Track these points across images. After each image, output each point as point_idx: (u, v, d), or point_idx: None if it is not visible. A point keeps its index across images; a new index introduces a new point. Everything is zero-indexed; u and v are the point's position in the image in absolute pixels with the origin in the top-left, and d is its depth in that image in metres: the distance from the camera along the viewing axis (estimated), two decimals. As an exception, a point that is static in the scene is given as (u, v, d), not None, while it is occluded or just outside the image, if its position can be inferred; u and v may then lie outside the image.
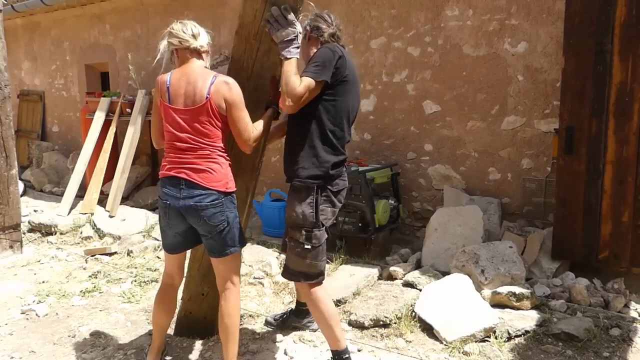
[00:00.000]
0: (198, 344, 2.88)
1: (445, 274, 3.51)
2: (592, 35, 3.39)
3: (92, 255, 4.46)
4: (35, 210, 6.01)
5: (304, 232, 2.41)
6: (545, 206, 4.13)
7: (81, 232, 5.11)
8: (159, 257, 4.31)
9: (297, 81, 2.25)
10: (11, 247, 4.59)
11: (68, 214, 5.66)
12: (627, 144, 3.36)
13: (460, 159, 4.53)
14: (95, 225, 5.21)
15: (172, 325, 2.99)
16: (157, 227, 4.99)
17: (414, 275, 3.51)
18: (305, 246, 2.41)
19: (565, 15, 3.50)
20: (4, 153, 4.49)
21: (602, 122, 3.42)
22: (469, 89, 4.40)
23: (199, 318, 2.93)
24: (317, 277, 2.46)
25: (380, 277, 3.74)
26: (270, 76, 2.44)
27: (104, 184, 5.95)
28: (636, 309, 3.17)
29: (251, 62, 2.41)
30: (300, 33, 2.33)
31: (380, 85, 4.87)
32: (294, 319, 3.04)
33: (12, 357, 2.78)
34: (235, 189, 2.39)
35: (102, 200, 5.81)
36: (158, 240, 4.71)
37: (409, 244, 4.56)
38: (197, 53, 2.35)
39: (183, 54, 2.34)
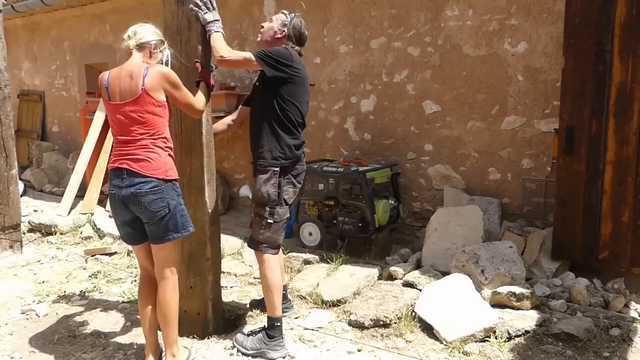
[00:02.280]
0: (197, 344, 2.88)
1: (445, 274, 3.51)
2: (592, 35, 3.39)
3: (92, 255, 4.46)
4: (35, 210, 6.02)
5: (267, 209, 2.75)
6: (545, 206, 4.13)
7: (81, 232, 5.11)
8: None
9: (225, 45, 2.70)
10: (11, 247, 4.59)
11: (68, 214, 5.66)
12: (627, 144, 3.36)
13: (460, 159, 4.53)
14: (95, 225, 5.21)
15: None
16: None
17: (414, 275, 3.51)
18: (268, 220, 2.76)
19: (565, 15, 3.50)
20: (4, 153, 4.49)
21: (602, 122, 3.42)
22: (469, 89, 4.40)
23: (194, 315, 2.96)
24: (277, 248, 2.84)
25: (380, 277, 3.74)
26: (194, 60, 2.79)
27: (104, 184, 5.95)
28: (636, 309, 3.17)
29: (179, 53, 2.78)
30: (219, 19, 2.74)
31: (380, 85, 4.87)
32: None
33: (12, 357, 2.79)
34: (177, 177, 2.54)
35: (102, 200, 5.81)
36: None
37: (409, 244, 4.56)
38: (137, 50, 2.53)
39: (127, 52, 2.56)
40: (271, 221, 2.76)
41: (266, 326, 2.81)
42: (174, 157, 2.58)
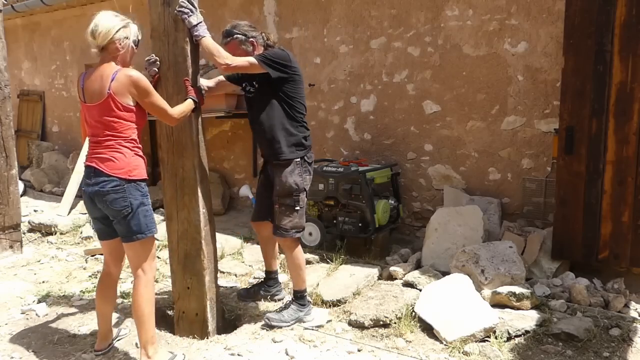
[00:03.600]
0: (197, 344, 2.88)
1: (445, 274, 3.51)
2: (592, 35, 3.39)
3: (92, 255, 4.46)
4: (35, 210, 6.01)
5: (293, 197, 3.00)
6: (545, 206, 4.13)
7: (81, 232, 5.11)
8: (159, 257, 4.31)
9: (223, 50, 2.82)
10: (11, 247, 4.59)
11: (68, 214, 5.66)
12: (627, 144, 3.36)
13: (460, 159, 4.53)
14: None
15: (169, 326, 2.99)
16: (157, 228, 5.00)
17: (414, 275, 3.51)
18: (295, 208, 3.02)
19: (565, 15, 3.50)
20: (4, 153, 4.49)
21: (602, 122, 3.42)
22: (469, 89, 4.40)
23: (192, 316, 2.96)
24: (303, 230, 3.15)
25: (380, 277, 3.74)
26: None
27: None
28: (636, 309, 3.17)
29: (167, 54, 2.83)
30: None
31: (380, 85, 4.87)
32: (265, 289, 3.43)
33: (12, 357, 2.79)
34: (143, 177, 2.55)
35: (102, 200, 5.80)
36: (158, 240, 4.71)
37: (409, 244, 4.56)
38: (105, 50, 2.50)
39: (96, 53, 2.55)
40: (298, 208, 3.02)
41: (294, 298, 3.16)
42: (144, 158, 2.59)
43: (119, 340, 2.93)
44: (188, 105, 2.72)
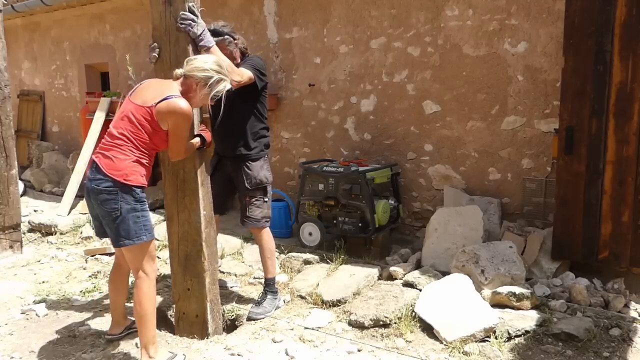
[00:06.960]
0: (197, 344, 2.88)
1: (445, 274, 3.51)
2: (592, 35, 3.39)
3: (92, 255, 4.46)
4: (35, 210, 6.01)
5: (262, 190, 3.27)
6: (545, 206, 4.13)
7: (81, 232, 5.11)
8: (159, 257, 4.31)
9: (234, 66, 2.97)
10: (11, 247, 4.59)
11: (68, 214, 5.66)
12: (627, 144, 3.36)
13: (460, 159, 4.52)
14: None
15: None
16: (158, 228, 5.00)
17: (414, 275, 3.51)
18: (265, 200, 3.29)
19: (565, 15, 3.50)
20: (4, 153, 4.49)
21: (602, 122, 3.42)
22: (469, 89, 4.40)
23: (192, 317, 2.96)
24: (270, 219, 3.36)
25: (380, 277, 3.74)
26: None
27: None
28: (636, 309, 3.17)
29: (168, 54, 2.82)
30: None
31: (380, 85, 4.87)
32: None
33: (12, 357, 2.79)
34: (141, 184, 2.52)
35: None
36: (158, 240, 4.71)
37: (409, 244, 4.56)
38: (183, 78, 2.61)
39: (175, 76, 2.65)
40: (267, 200, 3.30)
41: (267, 288, 3.34)
42: (148, 168, 2.56)
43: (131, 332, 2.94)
44: (194, 142, 2.75)
